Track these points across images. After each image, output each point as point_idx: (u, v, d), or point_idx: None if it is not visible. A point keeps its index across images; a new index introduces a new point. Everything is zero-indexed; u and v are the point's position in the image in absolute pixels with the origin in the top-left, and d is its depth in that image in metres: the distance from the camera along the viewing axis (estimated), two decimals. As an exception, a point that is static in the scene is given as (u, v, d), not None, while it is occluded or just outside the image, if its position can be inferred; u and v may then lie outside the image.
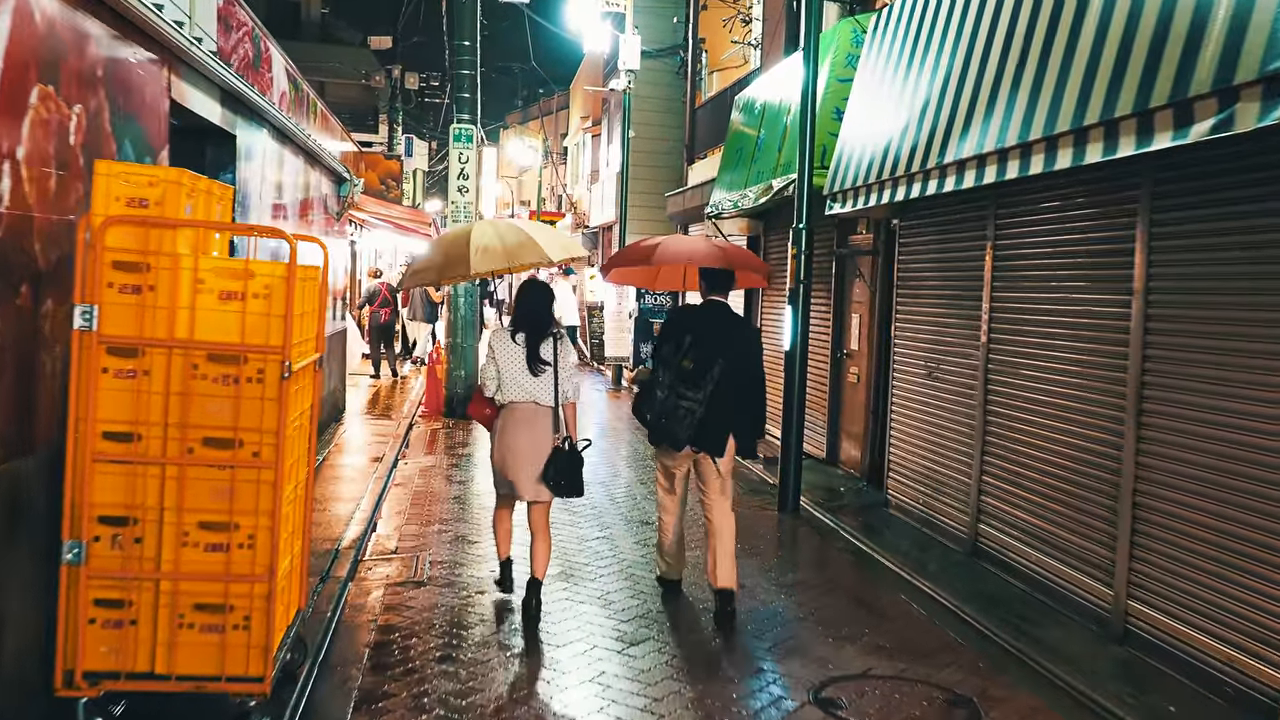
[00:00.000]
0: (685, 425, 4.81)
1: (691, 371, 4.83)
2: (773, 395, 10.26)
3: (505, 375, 4.74)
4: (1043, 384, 5.36)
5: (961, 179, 5.19)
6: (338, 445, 9.18)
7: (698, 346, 4.87)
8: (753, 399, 5.03)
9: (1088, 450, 4.91)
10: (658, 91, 19.73)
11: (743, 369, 4.94)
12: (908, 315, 7.12)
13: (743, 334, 5.19)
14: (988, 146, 4.85)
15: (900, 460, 7.16)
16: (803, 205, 7.30)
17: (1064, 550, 5.08)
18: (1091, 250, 4.96)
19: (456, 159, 11.46)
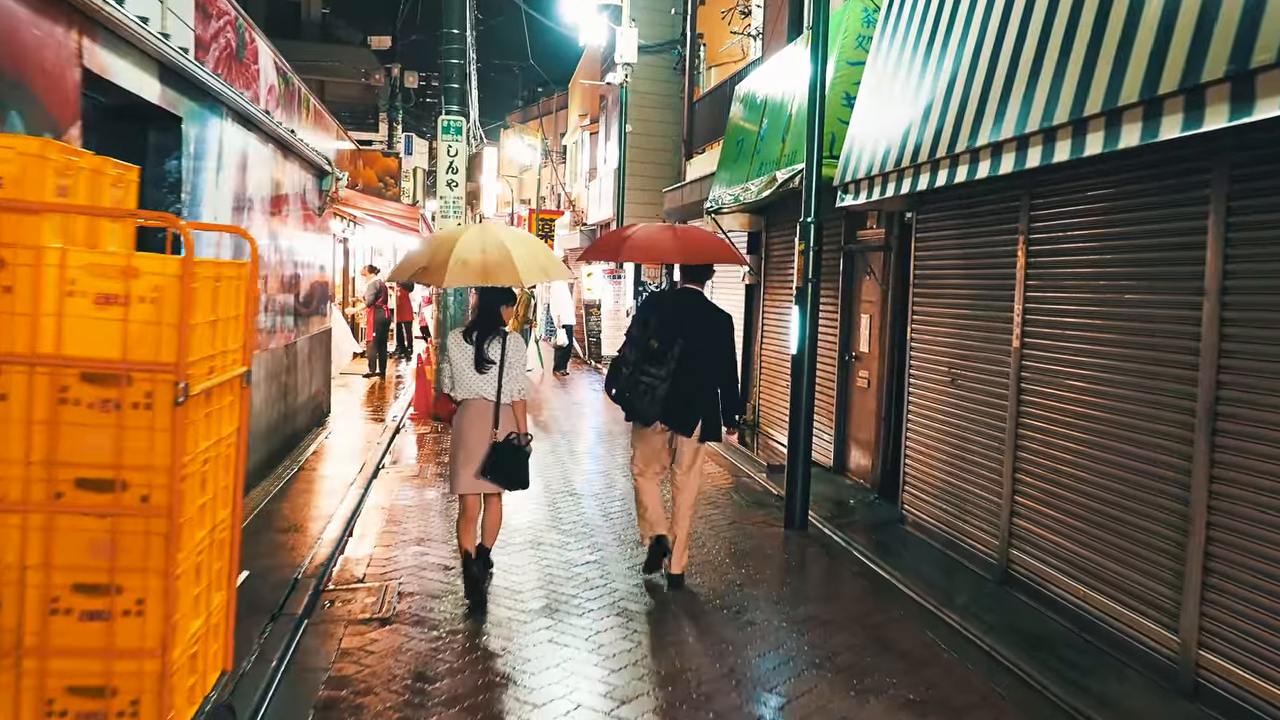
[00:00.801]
0: (648, 401, 5.10)
1: (656, 350, 5.12)
2: (780, 401, 9.73)
3: (457, 374, 4.96)
4: (1089, 395, 4.75)
5: (998, 164, 4.58)
6: (316, 453, 8.58)
7: (664, 328, 5.16)
8: (721, 382, 5.30)
9: (1148, 473, 4.31)
10: (655, 87, 19.14)
11: (709, 352, 5.21)
12: (926, 316, 6.51)
13: (710, 319, 5.39)
14: (1030, 125, 4.24)
15: (917, 473, 6.55)
16: (811, 198, 6.70)
17: (1116, 586, 4.47)
18: (1152, 244, 4.35)
19: (445, 152, 10.87)
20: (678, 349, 5.09)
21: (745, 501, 7.57)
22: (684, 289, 5.53)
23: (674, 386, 5.09)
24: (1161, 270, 4.28)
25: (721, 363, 5.32)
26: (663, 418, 5.17)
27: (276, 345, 7.89)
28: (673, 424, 5.22)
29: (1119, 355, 4.55)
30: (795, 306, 6.78)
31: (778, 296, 10.14)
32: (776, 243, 10.34)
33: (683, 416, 5.20)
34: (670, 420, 5.20)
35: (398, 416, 10.92)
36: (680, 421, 5.21)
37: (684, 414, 5.20)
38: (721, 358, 5.33)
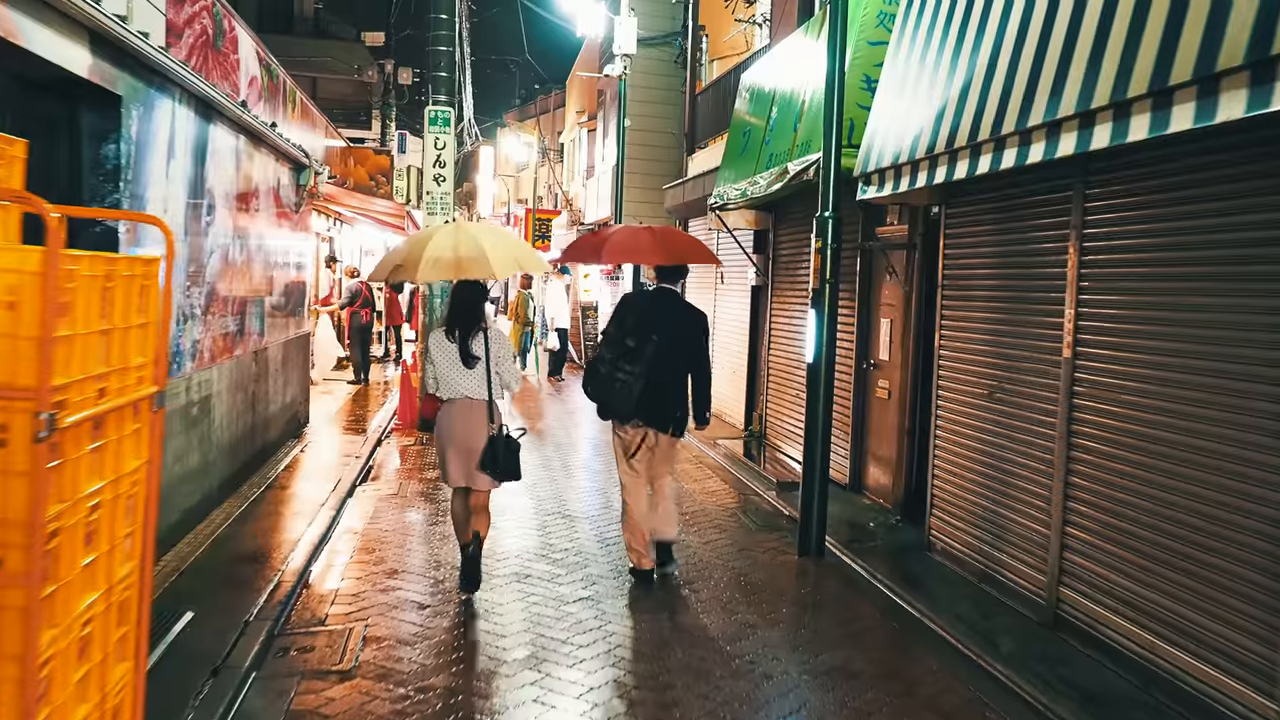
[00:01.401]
0: (624, 398, 5.22)
1: (631, 349, 5.23)
2: (789, 411, 9.08)
3: (441, 373, 5.02)
4: (1157, 413, 4.12)
5: (1054, 145, 3.95)
6: (289, 468, 7.94)
7: (639, 327, 5.28)
8: (695, 378, 5.51)
9: (1230, 505, 3.68)
10: (656, 81, 18.53)
11: (685, 350, 5.40)
12: (957, 322, 5.88)
13: (685, 318, 5.53)
14: (1098, 99, 3.62)
15: (947, 495, 5.92)
16: (829, 190, 6.07)
17: (1192, 637, 3.84)
18: (1237, 239, 3.72)
19: (433, 145, 10.23)
20: (652, 347, 5.22)
21: (755, 524, 6.94)
22: (659, 289, 5.66)
23: (649, 384, 5.22)
24: (1249, 270, 3.65)
25: (696, 360, 5.52)
26: (638, 414, 5.31)
27: (244, 352, 7.25)
28: (649, 420, 5.36)
29: (1194, 367, 3.92)
30: (811, 310, 6.15)
31: (787, 299, 9.51)
32: (786, 241, 9.70)
33: (659, 413, 5.36)
34: (646, 417, 5.34)
35: (381, 427, 10.28)
36: (656, 418, 5.36)
37: (660, 410, 5.35)
38: (696, 355, 5.52)
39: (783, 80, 8.63)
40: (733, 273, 11.49)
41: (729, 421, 11.47)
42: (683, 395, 5.46)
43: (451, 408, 5.04)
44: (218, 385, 6.48)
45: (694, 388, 5.55)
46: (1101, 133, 3.64)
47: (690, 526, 6.78)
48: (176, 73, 5.23)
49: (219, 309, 6.52)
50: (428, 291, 10.20)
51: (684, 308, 5.68)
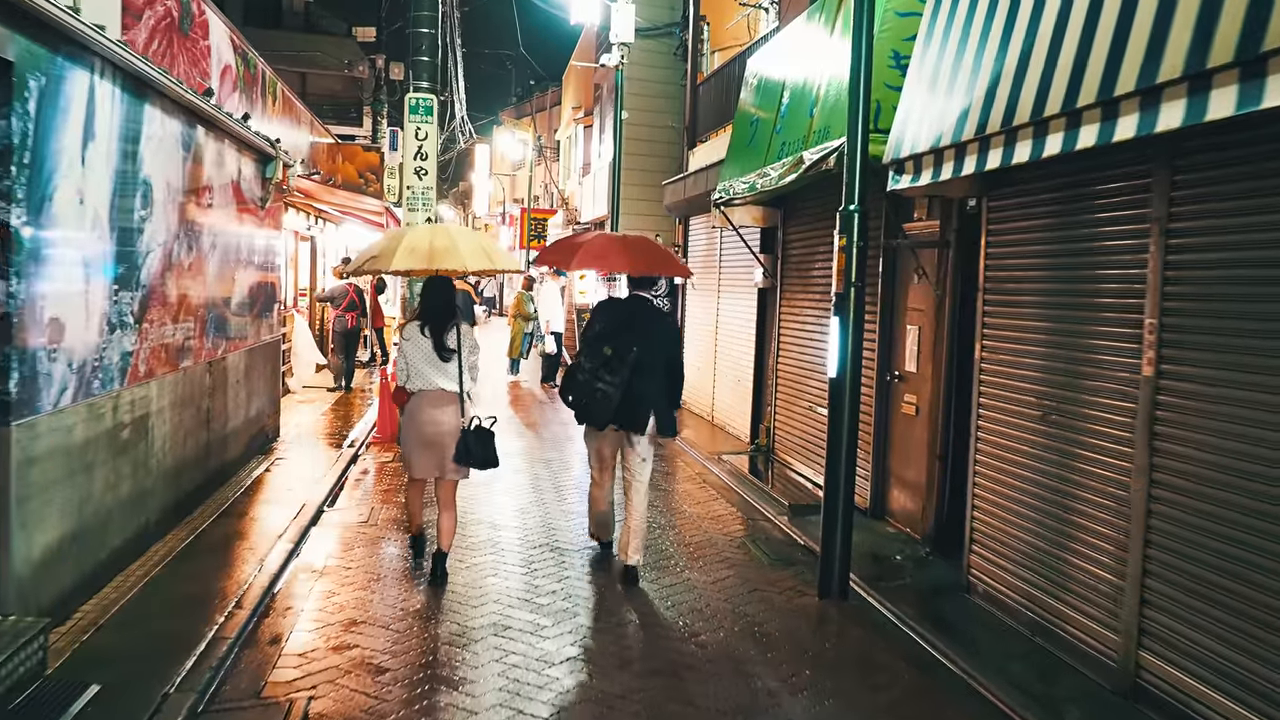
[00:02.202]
0: (603, 407, 5.30)
1: (611, 358, 5.29)
2: (800, 425, 8.22)
3: (413, 366, 5.16)
4: (1275, 448, 3.35)
5: (1153, 118, 3.18)
6: (250, 490, 7.16)
7: (617, 336, 5.35)
8: (671, 383, 5.57)
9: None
10: (655, 75, 17.78)
11: (660, 357, 5.45)
12: (1003, 331, 5.12)
13: (659, 325, 5.68)
14: (1217, 57, 2.85)
15: (990, 530, 5.16)
16: (854, 180, 5.31)
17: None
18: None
19: (414, 135, 9.46)
20: (633, 357, 5.28)
21: (767, 557, 6.17)
22: (633, 296, 5.71)
23: (626, 392, 5.30)
24: None
25: (671, 365, 5.60)
26: (615, 420, 5.40)
27: (195, 363, 6.47)
28: (625, 424, 5.44)
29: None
30: (834, 318, 5.38)
31: (798, 302, 8.75)
32: (796, 239, 8.94)
33: (634, 417, 5.42)
34: (622, 421, 5.42)
35: (358, 441, 9.50)
36: (632, 421, 5.43)
37: (635, 414, 5.41)
38: (670, 361, 5.61)
39: (795, 63, 7.87)
40: (737, 274, 10.72)
41: (733, 434, 10.71)
42: (659, 399, 5.52)
43: (422, 399, 5.17)
44: (158, 402, 5.70)
45: (670, 392, 5.60)
46: (1223, 99, 2.87)
47: (695, 560, 6.01)
48: (95, 41, 4.45)
49: (160, 315, 5.75)
50: (408, 293, 9.43)
51: (658, 315, 5.82)
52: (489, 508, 7.14)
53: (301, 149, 15.38)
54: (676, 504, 7.55)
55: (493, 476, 8.17)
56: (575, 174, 25.69)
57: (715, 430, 11.13)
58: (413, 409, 5.21)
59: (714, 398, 11.54)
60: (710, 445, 10.10)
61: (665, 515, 7.14)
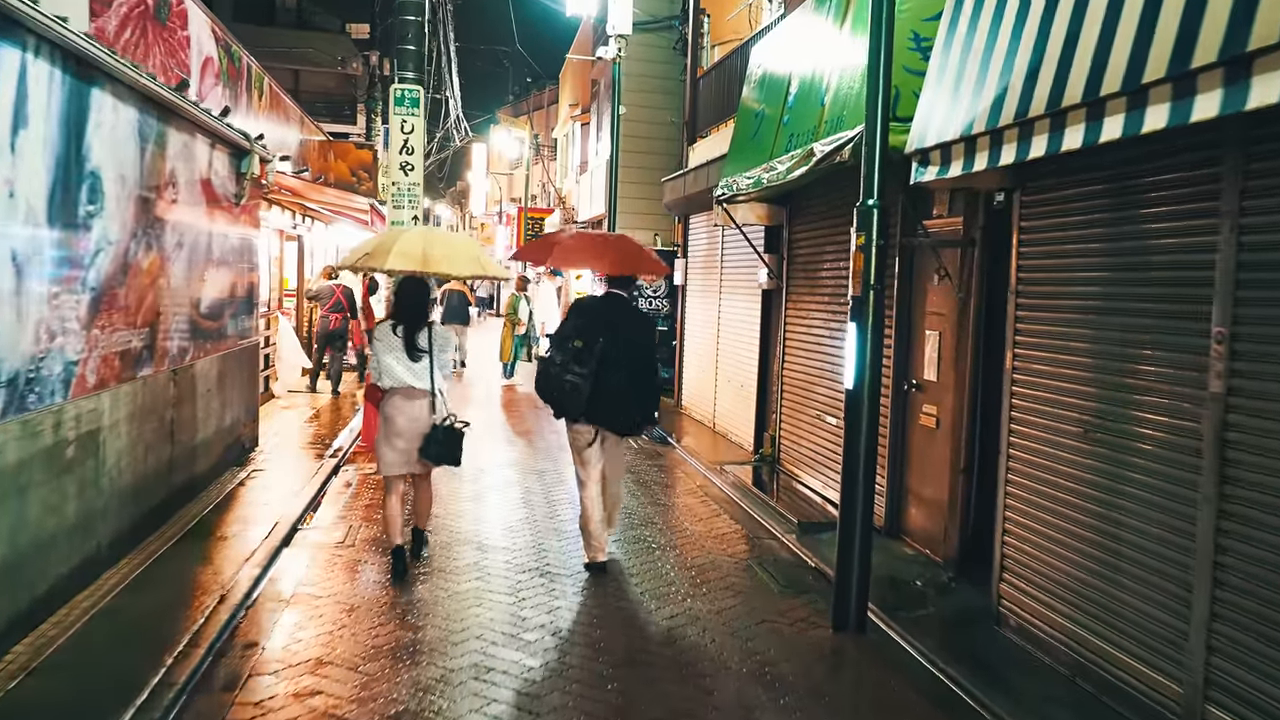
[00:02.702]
0: (574, 399, 5.36)
1: (580, 351, 5.37)
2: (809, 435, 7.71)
3: (385, 365, 5.26)
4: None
5: (1240, 97, 2.70)
6: (220, 507, 6.68)
7: (588, 330, 5.43)
8: (645, 379, 5.61)
9: None
10: (653, 70, 17.31)
11: (635, 353, 5.52)
12: (1039, 338, 4.64)
13: (635, 321, 5.76)
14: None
15: (1024, 557, 4.68)
16: (873, 172, 4.83)
17: None
18: None
19: (399, 128, 8.99)
20: (599, 348, 5.38)
21: (775, 582, 5.69)
22: (609, 294, 5.76)
23: (598, 385, 5.37)
24: None
25: (646, 362, 5.66)
26: (589, 415, 5.48)
27: (156, 371, 5.98)
28: (600, 421, 5.54)
29: None
30: (850, 324, 4.90)
31: (805, 305, 8.27)
32: (803, 238, 8.46)
33: (610, 414, 5.51)
34: (597, 418, 5.51)
35: (341, 450, 9.01)
36: (608, 418, 5.53)
37: (611, 412, 5.51)
38: (646, 358, 5.68)
39: (803, 51, 7.39)
40: (740, 274, 10.24)
41: (736, 442, 10.22)
42: (633, 398, 5.58)
43: (394, 396, 5.30)
44: (111, 415, 5.21)
45: (644, 390, 5.68)
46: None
47: (698, 587, 5.52)
48: (24, 14, 3.96)
49: (114, 320, 5.26)
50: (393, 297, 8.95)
51: (633, 311, 5.92)
52: (476, 525, 6.66)
53: (290, 146, 14.90)
54: (678, 521, 7.07)
55: (480, 490, 7.69)
56: (573, 172, 25.22)
57: (717, 438, 10.64)
58: (384, 405, 5.36)
59: (716, 403, 11.06)
60: (712, 454, 9.62)
61: (666, 534, 6.66)
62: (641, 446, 10.05)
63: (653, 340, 5.93)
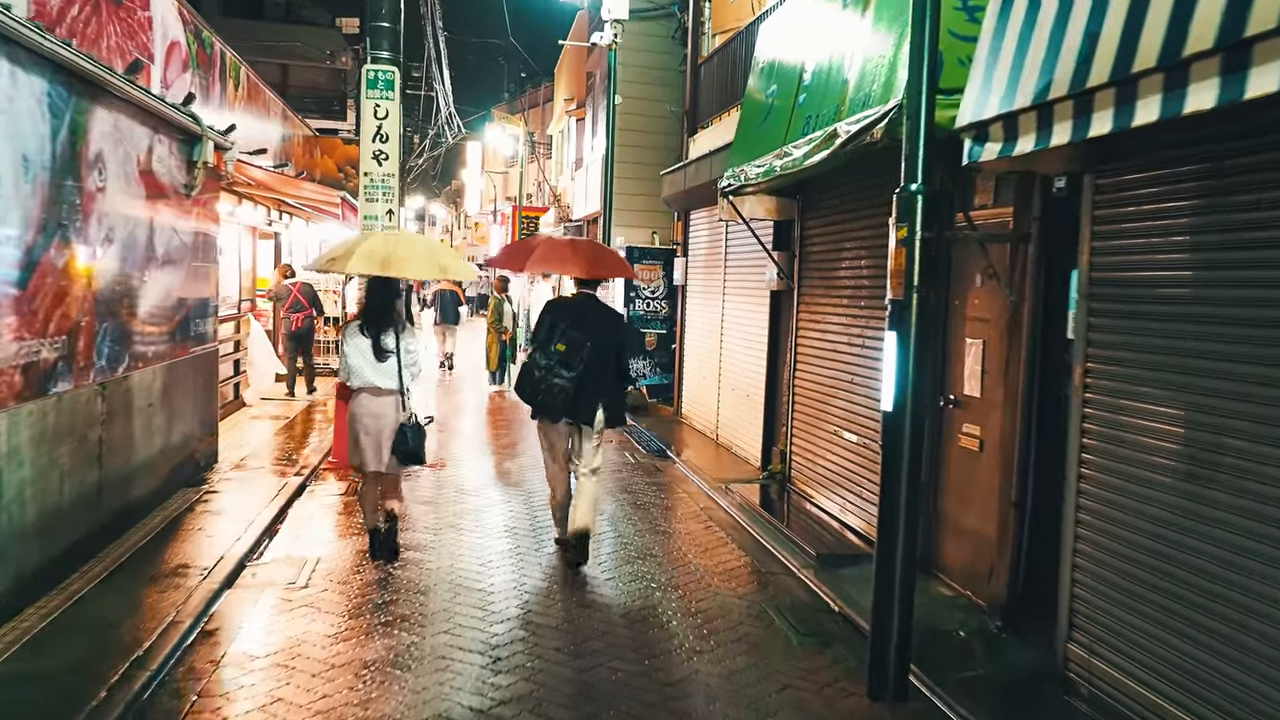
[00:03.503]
0: (560, 401, 5.55)
1: (565, 354, 5.54)
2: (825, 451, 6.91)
3: (352, 365, 5.42)
4: None
5: None
6: (153, 542, 5.86)
7: (569, 332, 5.58)
8: (619, 379, 5.89)
9: None
10: (652, 60, 16.50)
11: (609, 350, 5.70)
12: (1120, 349, 3.84)
13: (607, 320, 5.91)
14: None
15: (1099, 612, 3.88)
16: (918, 151, 4.04)
17: None
18: None
19: (372, 114, 8.17)
20: (586, 352, 5.51)
21: (795, 631, 4.87)
22: (581, 294, 5.93)
23: (580, 385, 5.52)
24: None
25: (618, 358, 5.78)
26: (569, 414, 5.62)
27: (75, 387, 5.16)
28: (577, 417, 5.65)
29: None
30: (890, 333, 4.10)
31: (820, 307, 7.47)
32: (817, 233, 7.67)
33: (586, 410, 5.64)
34: (575, 415, 5.63)
35: (310, 467, 8.19)
36: (584, 414, 5.64)
37: (587, 407, 5.63)
38: (619, 354, 5.79)
39: (820, 26, 6.59)
40: (746, 273, 9.44)
41: (741, 456, 9.42)
42: (608, 391, 5.74)
43: (361, 396, 5.41)
44: (9, 440, 4.39)
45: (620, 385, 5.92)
46: None
47: (704, 639, 4.71)
48: None
49: (16, 328, 4.44)
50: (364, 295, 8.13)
51: (605, 310, 6.05)
52: (452, 560, 5.84)
53: (271, 141, 14.08)
54: (678, 551, 6.26)
55: (461, 513, 6.88)
56: (568, 169, 24.41)
57: (720, 451, 9.83)
58: (353, 405, 5.47)
59: (719, 413, 10.25)
60: (715, 470, 8.81)
61: (666, 569, 5.85)
62: (639, 461, 9.24)
63: (624, 338, 5.99)
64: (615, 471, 8.72)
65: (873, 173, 6.41)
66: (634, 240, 15.04)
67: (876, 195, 6.45)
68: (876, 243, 6.48)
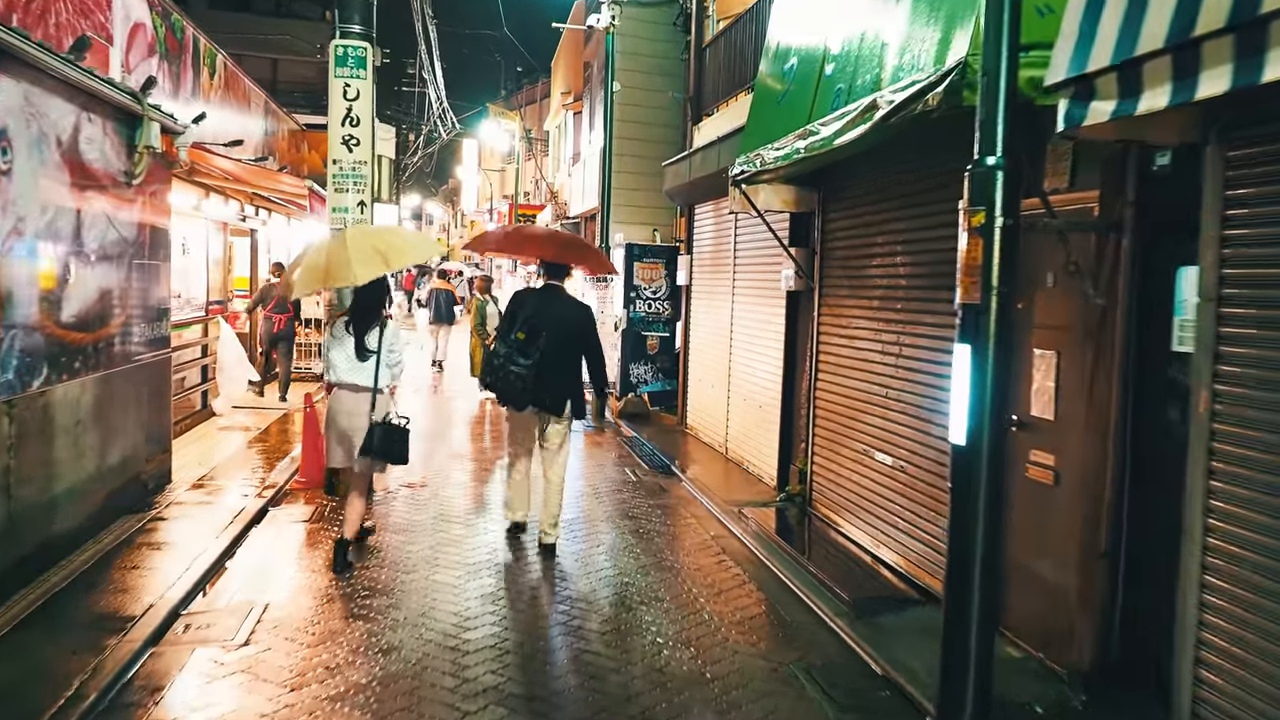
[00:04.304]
0: (519, 389, 5.59)
1: (523, 343, 5.64)
2: (852, 473, 6.16)
3: (332, 361, 5.34)
4: None
5: None
6: (78, 585, 5.01)
7: (529, 321, 5.70)
8: (590, 363, 5.94)
9: None
10: (652, 48, 15.69)
11: (574, 340, 5.81)
12: (1266, 368, 2.98)
13: (572, 311, 5.95)
14: None
15: (1235, 694, 3.03)
16: (996, 115, 3.23)
17: None
18: None
19: (341, 94, 7.32)
20: (543, 340, 5.61)
21: (833, 704, 4.01)
22: (546, 285, 6.03)
23: (540, 374, 5.60)
24: None
25: (587, 348, 5.91)
26: (534, 403, 5.72)
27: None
28: (543, 407, 5.77)
29: None
30: (961, 346, 3.25)
31: (846, 310, 6.62)
32: (841, 227, 6.82)
33: (551, 400, 5.76)
34: (538, 403, 5.74)
35: (276, 486, 7.33)
36: (549, 404, 5.77)
37: (552, 398, 5.75)
38: (586, 344, 5.90)
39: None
40: (759, 272, 8.59)
41: (754, 473, 8.56)
42: (572, 382, 5.84)
43: (339, 393, 5.36)
44: None
45: (591, 372, 5.97)
46: None
47: (723, 716, 3.85)
48: None
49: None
50: (335, 298, 7.29)
51: (570, 302, 6.03)
52: (424, 610, 4.98)
53: (252, 133, 13.22)
54: (688, 594, 5.40)
55: (437, 545, 6.00)
56: (565, 164, 23.55)
57: (730, 468, 8.97)
58: (331, 402, 5.42)
59: (728, 425, 9.39)
60: (725, 490, 7.95)
61: (675, 618, 4.99)
62: (641, 480, 8.38)
63: (590, 329, 5.98)
64: (615, 491, 7.87)
65: (910, 155, 5.58)
66: (634, 237, 14.21)
67: (917, 181, 5.61)
68: (916, 236, 5.65)
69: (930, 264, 5.47)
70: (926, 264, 5.51)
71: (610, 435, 10.73)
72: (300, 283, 5.09)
